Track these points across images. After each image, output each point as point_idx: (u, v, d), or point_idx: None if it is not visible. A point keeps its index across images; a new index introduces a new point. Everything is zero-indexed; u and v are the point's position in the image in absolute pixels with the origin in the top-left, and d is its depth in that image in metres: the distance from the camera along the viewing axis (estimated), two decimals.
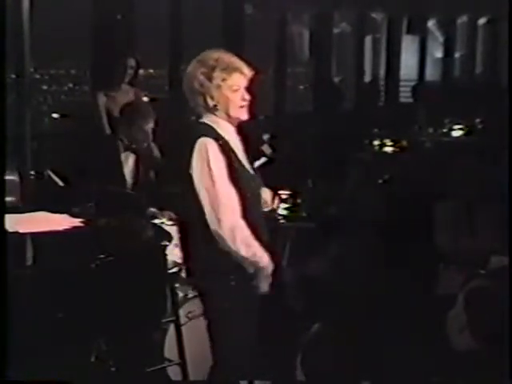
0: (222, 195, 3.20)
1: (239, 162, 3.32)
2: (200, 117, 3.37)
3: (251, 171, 3.40)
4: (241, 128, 3.40)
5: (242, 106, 3.29)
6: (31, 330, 3.07)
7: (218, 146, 3.24)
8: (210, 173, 3.20)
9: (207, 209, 3.22)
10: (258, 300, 3.37)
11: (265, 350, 3.35)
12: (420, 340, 3.53)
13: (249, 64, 3.35)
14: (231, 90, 3.25)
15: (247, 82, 3.30)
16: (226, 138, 3.30)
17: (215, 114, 3.31)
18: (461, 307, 3.58)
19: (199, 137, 3.25)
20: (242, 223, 3.21)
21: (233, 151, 3.30)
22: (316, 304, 4.39)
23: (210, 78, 3.25)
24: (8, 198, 4.32)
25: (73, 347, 3.47)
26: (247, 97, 3.29)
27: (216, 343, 3.45)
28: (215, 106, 3.28)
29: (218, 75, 3.24)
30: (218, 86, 3.24)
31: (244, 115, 3.32)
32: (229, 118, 3.31)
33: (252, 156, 3.53)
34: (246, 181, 3.31)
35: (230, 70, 3.25)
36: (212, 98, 3.27)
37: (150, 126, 4.92)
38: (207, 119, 3.33)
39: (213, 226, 3.22)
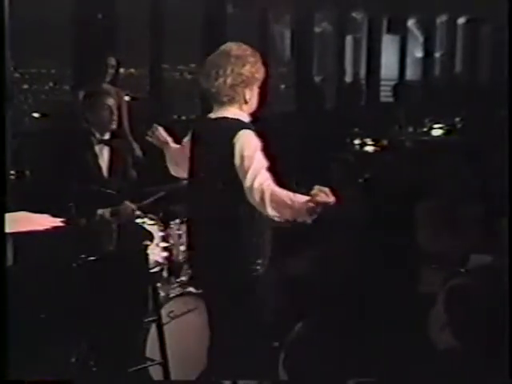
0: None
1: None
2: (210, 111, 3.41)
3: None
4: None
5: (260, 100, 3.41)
6: (12, 331, 3.05)
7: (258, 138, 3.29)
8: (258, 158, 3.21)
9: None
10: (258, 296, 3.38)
11: (248, 350, 3.35)
12: (402, 338, 3.56)
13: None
14: (260, 83, 3.37)
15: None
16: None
17: (241, 109, 3.36)
18: (441, 306, 3.61)
19: (240, 129, 3.26)
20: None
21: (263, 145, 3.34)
22: (299, 304, 4.40)
23: (252, 73, 3.32)
24: None
25: (54, 347, 3.46)
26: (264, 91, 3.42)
27: (215, 339, 3.44)
28: (249, 99, 3.36)
29: (253, 70, 3.33)
30: (258, 80, 3.36)
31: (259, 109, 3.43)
32: (253, 111, 3.41)
33: None
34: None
35: (259, 64, 3.36)
36: (252, 90, 3.35)
37: (111, 102, 4.88)
38: (231, 113, 3.34)
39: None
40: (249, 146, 3.21)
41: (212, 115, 3.39)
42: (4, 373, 2.65)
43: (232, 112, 3.33)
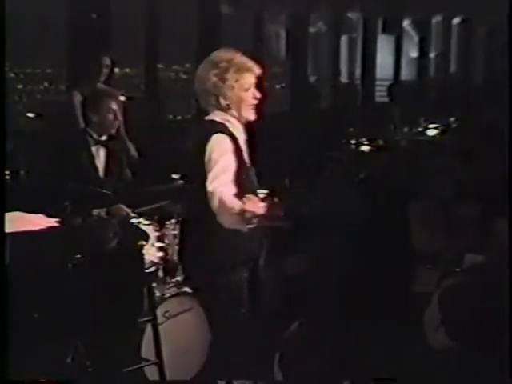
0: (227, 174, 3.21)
1: (244, 161, 3.36)
2: (207, 114, 3.42)
3: (253, 174, 3.44)
4: (250, 129, 3.46)
5: (252, 105, 3.36)
6: (8, 331, 3.05)
7: (232, 142, 3.28)
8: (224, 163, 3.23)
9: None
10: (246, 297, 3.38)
11: (243, 350, 3.35)
12: (398, 338, 3.56)
13: (257, 61, 3.40)
14: (243, 89, 3.33)
15: (257, 80, 3.37)
16: (236, 135, 3.35)
17: (227, 113, 3.36)
18: (436, 305, 3.62)
19: (215, 133, 3.27)
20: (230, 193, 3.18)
21: (240, 150, 3.35)
22: (294, 304, 4.40)
23: (223, 80, 3.31)
24: None
25: (49, 348, 3.46)
26: (258, 95, 3.37)
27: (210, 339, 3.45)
28: (228, 105, 3.34)
29: (231, 76, 3.30)
30: (232, 87, 3.31)
31: (252, 115, 3.39)
32: (240, 116, 3.37)
33: None
34: (246, 180, 3.34)
35: (242, 70, 3.32)
36: (225, 98, 3.33)
37: (114, 107, 4.89)
38: (218, 117, 3.36)
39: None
40: (216, 149, 3.25)
41: (206, 117, 3.43)
42: (4, 373, 2.65)
43: (219, 116, 3.37)
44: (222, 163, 3.22)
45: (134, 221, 4.38)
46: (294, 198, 5.52)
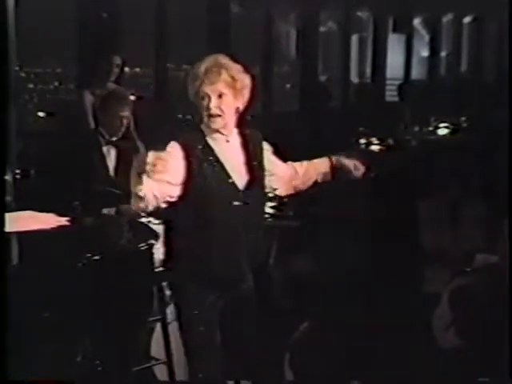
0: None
1: (215, 172, 3.26)
2: None
3: (240, 186, 3.31)
4: (243, 140, 3.37)
5: (211, 115, 3.26)
6: (17, 330, 3.06)
7: (184, 150, 3.23)
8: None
9: None
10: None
11: (253, 350, 3.35)
12: (407, 338, 3.55)
13: (245, 68, 3.33)
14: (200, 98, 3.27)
15: (232, 91, 3.26)
16: (212, 145, 3.29)
17: (204, 120, 3.33)
18: (446, 305, 3.60)
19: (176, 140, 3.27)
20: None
21: (211, 160, 3.26)
22: (304, 303, 4.40)
23: (196, 87, 3.30)
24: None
25: (59, 347, 3.46)
26: (221, 105, 3.25)
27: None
28: (202, 113, 3.31)
29: (197, 84, 3.29)
30: (201, 94, 3.28)
31: (215, 124, 3.28)
32: (213, 124, 3.30)
33: None
34: (221, 193, 3.25)
35: (199, 81, 3.28)
36: (204, 105, 3.29)
37: (126, 113, 4.90)
38: (203, 124, 3.34)
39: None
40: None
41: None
42: (4, 373, 2.65)
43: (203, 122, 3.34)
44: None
45: (144, 220, 4.38)
46: (304, 197, 5.51)
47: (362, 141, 8.17)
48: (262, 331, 3.46)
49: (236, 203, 3.25)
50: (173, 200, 3.25)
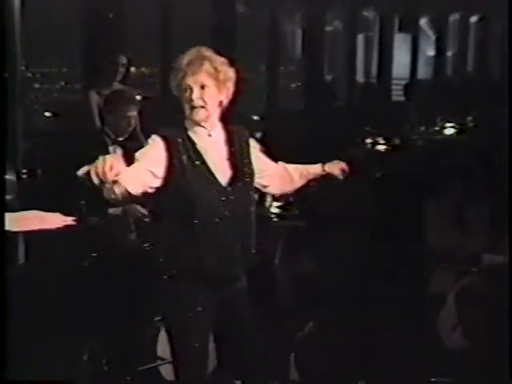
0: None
1: (195, 166, 3.19)
2: None
3: (222, 182, 3.22)
4: (227, 136, 3.30)
5: (194, 107, 3.20)
6: (23, 330, 3.06)
7: (166, 144, 3.19)
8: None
9: None
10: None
11: (259, 350, 3.34)
12: (413, 338, 3.54)
13: (229, 62, 3.27)
14: (183, 90, 3.21)
15: (214, 83, 3.21)
16: (194, 139, 3.23)
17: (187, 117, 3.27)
18: (452, 305, 3.60)
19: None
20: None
21: (191, 155, 3.20)
22: (309, 303, 4.40)
23: (177, 82, 3.24)
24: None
25: (65, 346, 3.47)
26: (204, 96, 3.19)
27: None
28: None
29: (179, 77, 3.23)
30: (181, 88, 3.23)
31: (197, 116, 3.21)
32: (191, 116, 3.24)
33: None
34: (201, 188, 3.17)
35: (181, 75, 3.22)
36: (183, 101, 3.25)
37: (133, 113, 4.90)
38: (187, 119, 3.28)
39: None
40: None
41: None
42: (4, 373, 2.65)
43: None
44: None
45: (149, 220, 4.38)
46: (310, 197, 5.51)
47: (368, 140, 8.16)
48: (267, 331, 3.45)
49: (217, 199, 3.17)
50: (151, 191, 3.17)
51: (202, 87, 3.19)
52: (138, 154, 3.20)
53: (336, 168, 3.61)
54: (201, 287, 3.19)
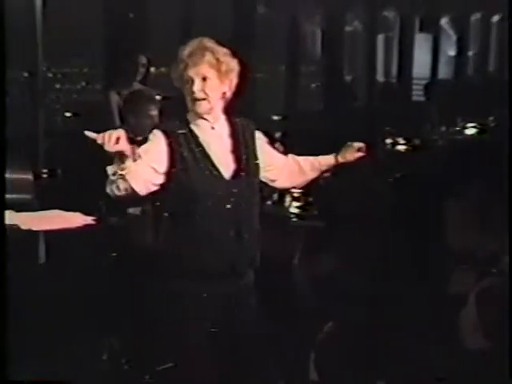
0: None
1: (198, 159, 3.13)
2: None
3: (225, 175, 3.16)
4: (231, 128, 3.25)
5: (196, 99, 3.16)
6: (44, 329, 3.08)
7: (167, 138, 3.14)
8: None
9: None
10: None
11: (277, 350, 3.34)
12: (433, 339, 3.53)
13: (232, 53, 3.23)
14: (184, 82, 3.18)
15: (216, 74, 3.16)
16: (197, 132, 3.18)
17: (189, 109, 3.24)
18: (473, 306, 3.58)
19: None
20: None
21: (194, 148, 3.14)
22: (329, 303, 4.39)
23: (178, 72, 3.22)
24: (22, 196, 4.34)
25: (85, 345, 3.48)
26: (205, 89, 3.14)
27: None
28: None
29: (181, 67, 3.21)
30: (183, 80, 3.20)
31: (199, 108, 3.16)
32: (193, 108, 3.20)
33: None
34: (203, 182, 3.11)
35: (183, 66, 3.20)
36: (185, 93, 3.22)
37: (153, 113, 4.92)
38: (189, 112, 3.24)
39: None
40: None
41: None
42: (4, 373, 2.66)
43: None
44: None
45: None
46: (329, 197, 5.50)
47: (388, 141, 8.12)
48: (287, 331, 3.45)
49: (220, 193, 3.11)
50: (155, 188, 3.12)
51: (204, 79, 3.15)
52: (140, 151, 3.13)
53: (351, 155, 3.55)
54: (203, 284, 3.12)
